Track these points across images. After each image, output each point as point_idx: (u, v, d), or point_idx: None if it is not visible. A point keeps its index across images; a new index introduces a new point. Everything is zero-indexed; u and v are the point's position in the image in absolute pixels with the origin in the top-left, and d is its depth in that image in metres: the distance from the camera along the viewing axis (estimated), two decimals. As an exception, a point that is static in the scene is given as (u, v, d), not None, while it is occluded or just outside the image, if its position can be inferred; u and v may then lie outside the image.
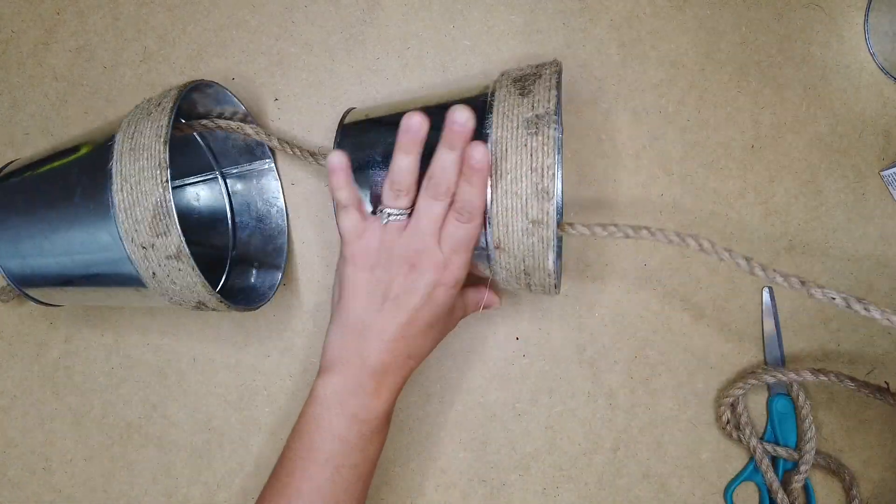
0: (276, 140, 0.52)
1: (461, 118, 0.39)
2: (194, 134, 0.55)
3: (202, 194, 0.58)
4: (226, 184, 0.58)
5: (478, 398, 0.55)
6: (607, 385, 0.55)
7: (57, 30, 0.58)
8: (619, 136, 0.55)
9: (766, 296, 0.54)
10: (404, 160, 0.41)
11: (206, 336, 0.57)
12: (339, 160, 0.41)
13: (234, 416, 0.56)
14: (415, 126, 0.40)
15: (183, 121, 0.52)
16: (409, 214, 0.42)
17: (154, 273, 0.44)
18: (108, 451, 0.57)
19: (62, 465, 0.57)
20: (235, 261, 0.57)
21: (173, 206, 0.41)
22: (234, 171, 0.57)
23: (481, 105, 0.43)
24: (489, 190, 0.41)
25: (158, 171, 0.42)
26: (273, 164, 0.56)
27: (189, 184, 0.57)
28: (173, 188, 0.53)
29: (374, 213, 0.44)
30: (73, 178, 0.45)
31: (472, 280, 0.47)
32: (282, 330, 0.56)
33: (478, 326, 0.55)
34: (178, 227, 0.42)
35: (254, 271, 0.56)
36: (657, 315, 0.55)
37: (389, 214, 0.42)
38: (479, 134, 0.41)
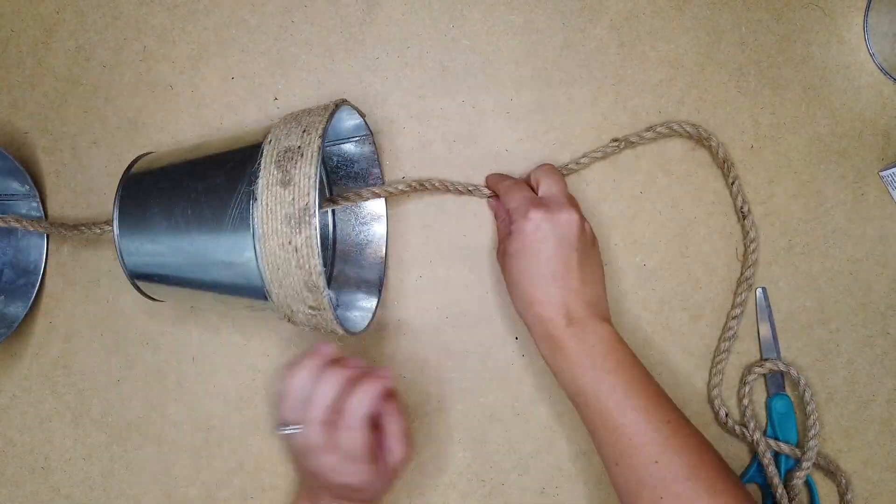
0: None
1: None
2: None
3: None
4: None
5: (477, 398, 0.55)
6: (606, 385, 0.55)
7: (56, 29, 0.58)
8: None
9: (759, 296, 0.54)
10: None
11: (206, 336, 0.57)
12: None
13: (233, 415, 0.56)
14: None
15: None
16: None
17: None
18: (107, 451, 0.57)
19: (61, 465, 0.57)
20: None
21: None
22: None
23: (247, 194, 0.43)
24: (267, 272, 0.42)
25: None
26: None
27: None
28: None
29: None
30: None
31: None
32: (281, 330, 0.56)
33: (477, 327, 0.55)
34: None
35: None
36: (656, 315, 0.55)
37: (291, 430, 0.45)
38: (246, 224, 0.42)
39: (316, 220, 0.40)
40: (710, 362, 0.54)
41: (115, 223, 0.47)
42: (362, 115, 0.52)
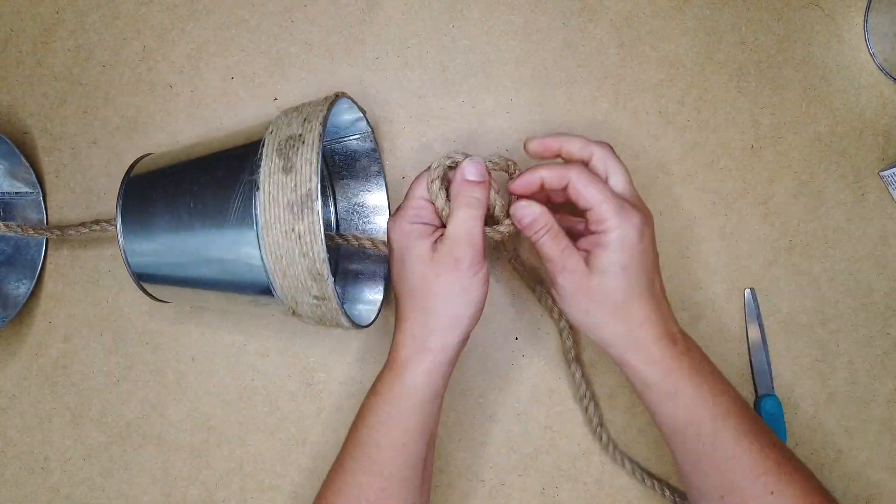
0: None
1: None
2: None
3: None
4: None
5: (477, 398, 0.55)
6: (607, 385, 0.55)
7: (56, 29, 0.58)
8: (620, 137, 0.55)
9: (748, 297, 0.54)
10: None
11: (205, 335, 0.57)
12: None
13: (232, 415, 0.56)
14: None
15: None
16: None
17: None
18: (106, 451, 0.57)
19: (60, 465, 0.57)
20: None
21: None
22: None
23: (250, 183, 0.43)
24: (271, 263, 0.42)
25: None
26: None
27: None
28: None
29: None
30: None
31: None
32: (280, 330, 0.56)
33: (477, 326, 0.55)
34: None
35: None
36: (656, 315, 0.54)
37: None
38: (249, 215, 0.42)
39: (318, 206, 0.40)
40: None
41: (119, 224, 0.47)
42: (362, 110, 0.52)
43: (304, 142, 0.42)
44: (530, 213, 0.43)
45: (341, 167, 0.56)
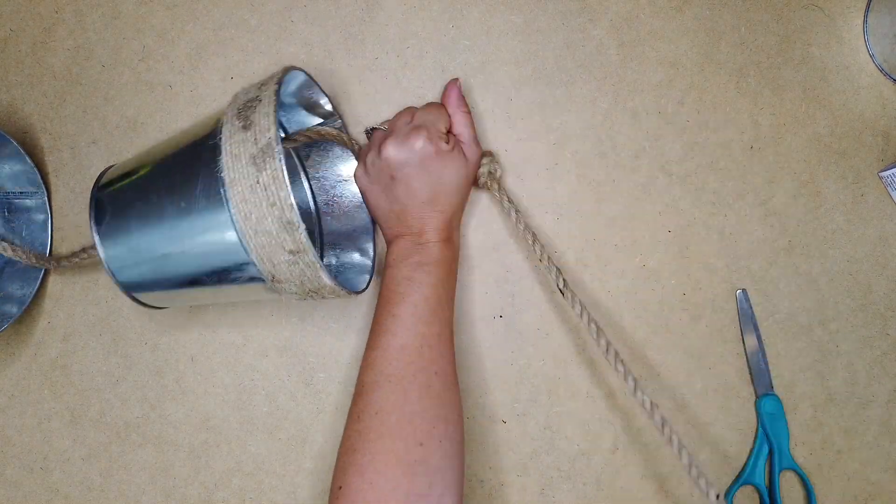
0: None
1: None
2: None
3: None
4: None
5: (476, 399, 0.55)
6: (606, 386, 0.55)
7: (55, 28, 0.58)
8: (619, 137, 0.55)
9: (740, 298, 0.54)
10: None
11: (204, 335, 0.57)
12: None
13: (232, 415, 0.56)
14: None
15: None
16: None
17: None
18: (105, 451, 0.57)
19: (59, 465, 0.57)
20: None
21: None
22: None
23: (212, 148, 0.43)
24: (241, 221, 0.42)
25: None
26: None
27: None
28: None
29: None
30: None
31: None
32: (280, 329, 0.56)
33: (477, 326, 0.55)
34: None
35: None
36: (656, 316, 0.55)
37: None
38: (215, 177, 0.42)
39: (279, 152, 0.41)
40: (708, 364, 0.54)
41: (97, 242, 0.47)
42: (315, 82, 0.52)
43: (260, 100, 0.43)
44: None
45: (316, 161, 0.57)
